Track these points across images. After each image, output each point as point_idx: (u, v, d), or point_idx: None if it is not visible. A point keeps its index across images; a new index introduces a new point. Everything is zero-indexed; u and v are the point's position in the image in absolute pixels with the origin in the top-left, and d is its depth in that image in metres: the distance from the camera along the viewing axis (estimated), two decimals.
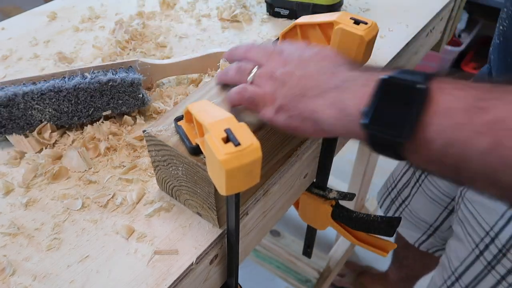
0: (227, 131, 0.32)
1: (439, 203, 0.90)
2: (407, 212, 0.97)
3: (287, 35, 0.51)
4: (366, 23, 0.42)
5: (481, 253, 0.69)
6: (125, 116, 0.57)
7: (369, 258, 1.60)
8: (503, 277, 0.67)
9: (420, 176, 0.91)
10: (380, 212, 1.09)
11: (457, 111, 0.29)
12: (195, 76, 0.65)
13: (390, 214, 1.03)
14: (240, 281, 0.50)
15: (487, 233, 0.68)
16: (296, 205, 0.69)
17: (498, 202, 0.65)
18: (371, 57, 0.48)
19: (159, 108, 0.59)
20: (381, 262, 1.54)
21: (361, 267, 1.53)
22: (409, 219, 0.97)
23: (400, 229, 1.00)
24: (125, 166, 0.52)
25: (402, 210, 0.98)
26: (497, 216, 0.66)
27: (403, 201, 0.97)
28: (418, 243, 0.98)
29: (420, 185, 0.91)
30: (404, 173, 0.98)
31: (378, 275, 1.46)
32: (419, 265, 1.19)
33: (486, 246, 0.68)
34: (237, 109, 0.45)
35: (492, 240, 0.67)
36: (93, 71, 0.57)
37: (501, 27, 0.60)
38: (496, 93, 0.29)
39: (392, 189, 1.02)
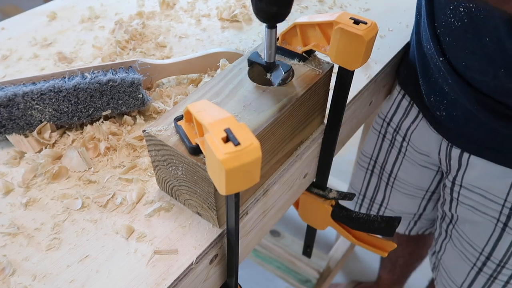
0: (227, 130, 0.32)
1: (414, 196, 0.92)
2: (388, 212, 1.00)
3: (286, 35, 0.51)
4: (366, 23, 0.42)
5: (505, 224, 0.70)
6: (125, 116, 0.57)
7: (367, 260, 1.59)
8: None
9: (388, 178, 0.93)
10: None
11: None
12: (195, 76, 0.65)
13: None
14: (240, 281, 0.50)
15: (503, 205, 0.69)
16: (296, 205, 0.69)
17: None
18: (371, 57, 0.48)
19: (159, 108, 0.59)
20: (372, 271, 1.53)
21: (351, 282, 1.53)
22: (393, 216, 0.98)
23: None
24: (125, 166, 0.52)
25: (383, 211, 1.00)
26: (505, 187, 0.67)
27: (381, 204, 1.00)
28: (408, 230, 1.01)
29: (392, 186, 0.94)
30: (368, 183, 0.99)
31: (370, 286, 1.46)
32: (411, 258, 1.20)
33: (508, 217, 0.69)
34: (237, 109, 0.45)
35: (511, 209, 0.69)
36: (93, 71, 0.57)
37: (461, 9, 0.58)
38: None
39: (362, 200, 1.03)
